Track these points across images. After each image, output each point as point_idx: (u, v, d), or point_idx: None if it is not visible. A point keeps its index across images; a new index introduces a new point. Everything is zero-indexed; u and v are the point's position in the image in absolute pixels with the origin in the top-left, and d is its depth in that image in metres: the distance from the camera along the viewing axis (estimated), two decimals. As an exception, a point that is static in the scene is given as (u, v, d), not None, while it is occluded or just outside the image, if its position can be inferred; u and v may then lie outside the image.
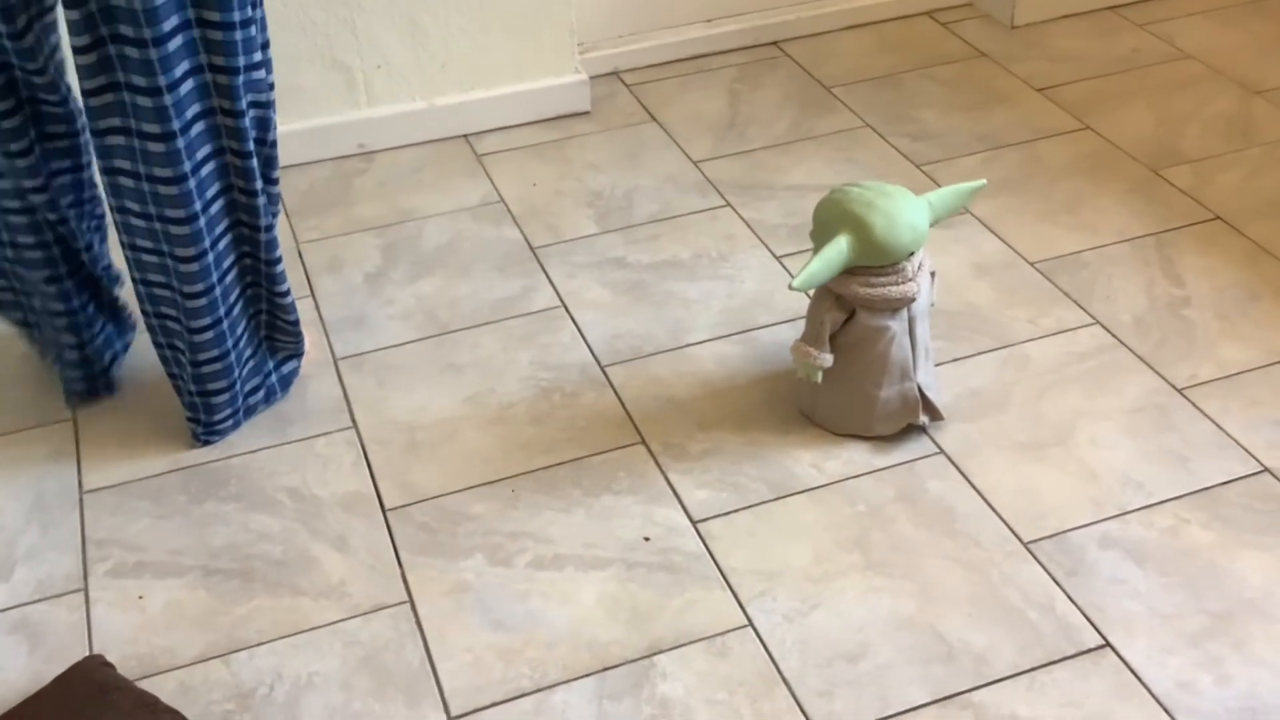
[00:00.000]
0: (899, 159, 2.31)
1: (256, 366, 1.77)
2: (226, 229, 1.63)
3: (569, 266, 2.08)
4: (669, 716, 1.40)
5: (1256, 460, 1.68)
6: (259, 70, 1.54)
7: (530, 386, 1.85)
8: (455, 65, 2.38)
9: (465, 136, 2.43)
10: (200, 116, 1.53)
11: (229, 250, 1.65)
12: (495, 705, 1.42)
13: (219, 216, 1.61)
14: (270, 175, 1.63)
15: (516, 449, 1.74)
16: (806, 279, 1.58)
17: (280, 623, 1.52)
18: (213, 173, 1.58)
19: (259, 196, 1.61)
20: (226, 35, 1.48)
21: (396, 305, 2.01)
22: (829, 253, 1.59)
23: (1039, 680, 1.42)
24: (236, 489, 1.70)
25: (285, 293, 1.72)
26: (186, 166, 1.53)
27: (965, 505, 1.63)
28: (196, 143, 1.54)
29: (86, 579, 1.59)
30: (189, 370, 1.69)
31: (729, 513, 1.64)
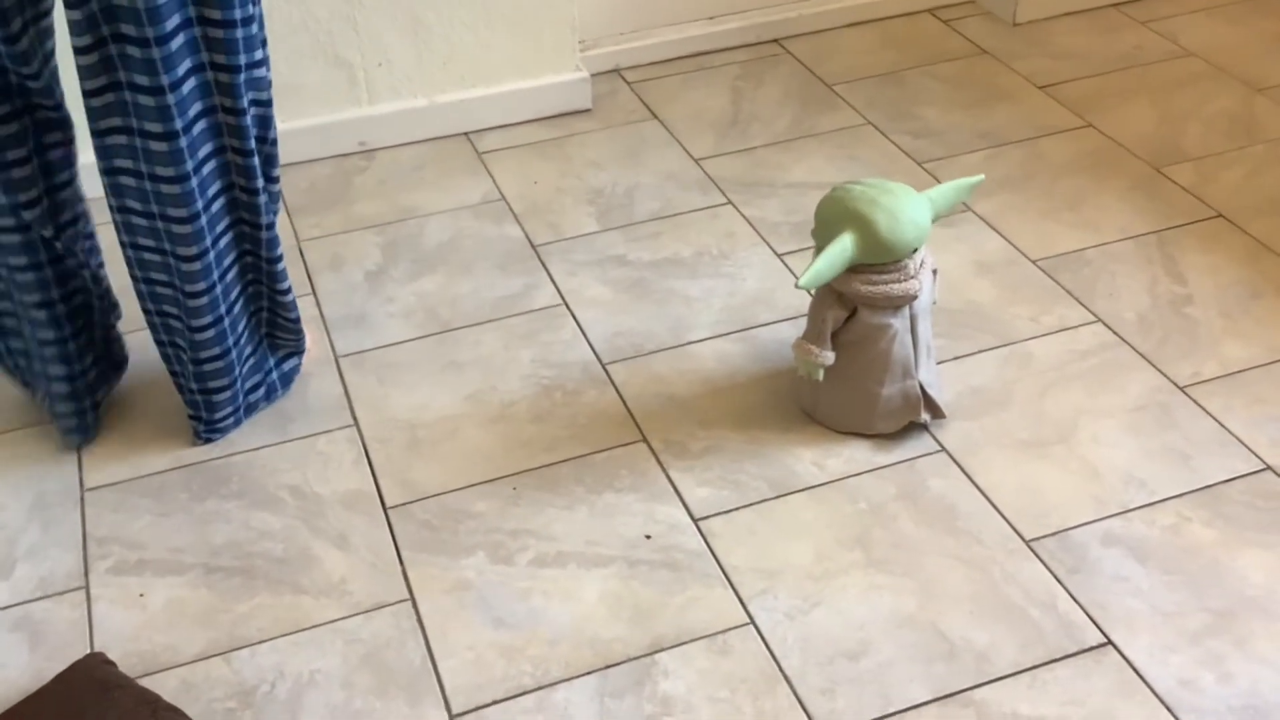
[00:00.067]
0: (901, 156, 2.31)
1: (257, 364, 1.77)
2: (228, 227, 1.63)
3: (570, 264, 2.08)
4: (670, 714, 1.40)
5: (1259, 458, 1.68)
6: (260, 68, 1.54)
7: (531, 384, 1.84)
8: (456, 62, 2.38)
9: (466, 134, 2.43)
10: (202, 115, 1.53)
11: (230, 248, 1.65)
12: (497, 703, 1.42)
13: (220, 215, 1.61)
14: (271, 173, 1.63)
15: (518, 447, 1.74)
16: (812, 278, 1.58)
17: (281, 620, 1.52)
18: (214, 171, 1.58)
19: (260, 195, 1.61)
20: (228, 33, 1.48)
21: (397, 303, 2.01)
22: (833, 251, 1.58)
23: (1040, 678, 1.42)
24: (238, 487, 1.70)
25: (286, 290, 1.72)
26: (189, 165, 1.53)
27: (967, 503, 1.63)
28: (198, 141, 1.54)
29: (88, 576, 1.59)
30: (190, 368, 1.69)
31: (730, 510, 1.64)
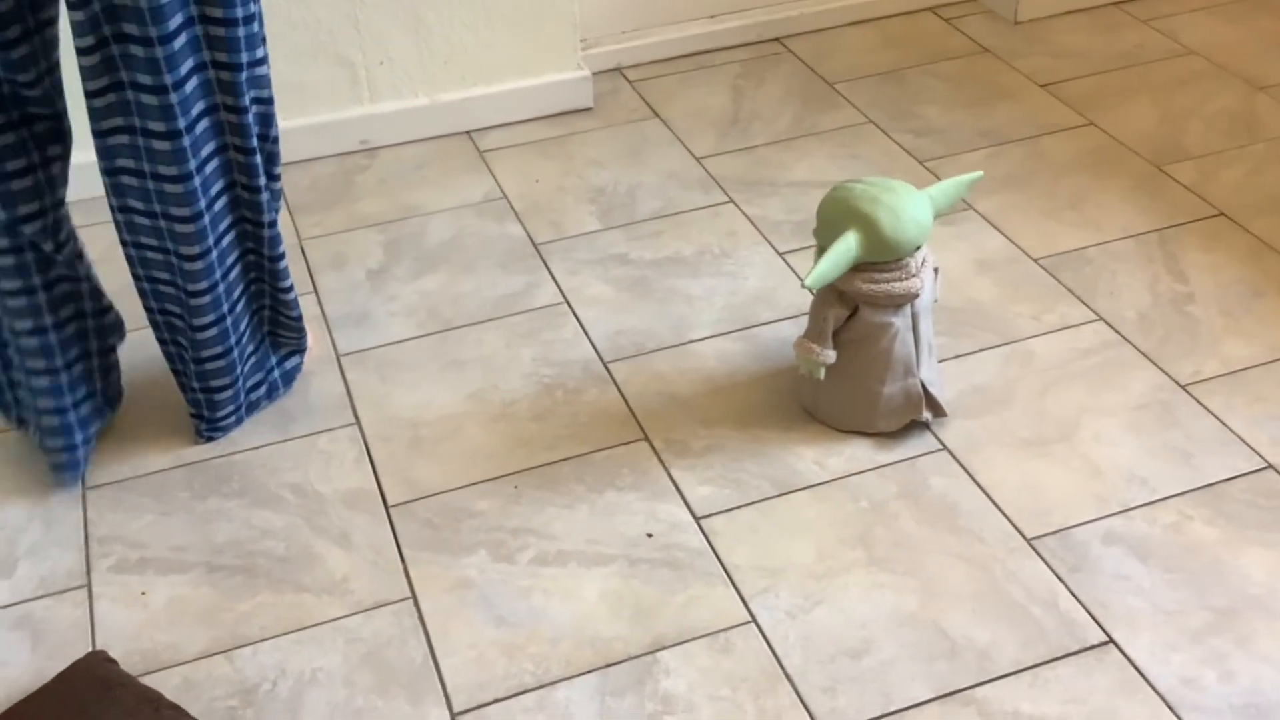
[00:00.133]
0: (902, 155, 2.31)
1: (259, 362, 1.77)
2: (230, 226, 1.63)
3: (572, 263, 2.08)
4: (672, 713, 1.40)
5: (1260, 456, 1.68)
6: (261, 66, 1.54)
7: (533, 383, 1.84)
8: (458, 61, 2.38)
9: (468, 133, 2.43)
10: (204, 114, 1.53)
11: (232, 247, 1.65)
12: (498, 701, 1.42)
13: (223, 213, 1.61)
14: (273, 171, 1.63)
15: (519, 445, 1.74)
16: (817, 277, 1.58)
17: (283, 619, 1.52)
18: (216, 170, 1.58)
19: (262, 193, 1.61)
20: (229, 32, 1.48)
21: (399, 301, 2.01)
22: (838, 250, 1.58)
23: (1042, 677, 1.42)
24: (239, 485, 1.70)
25: (288, 288, 1.72)
26: (191, 165, 1.53)
27: (968, 502, 1.63)
28: (201, 140, 1.54)
29: (89, 575, 1.59)
30: (192, 367, 1.69)
31: (732, 509, 1.64)
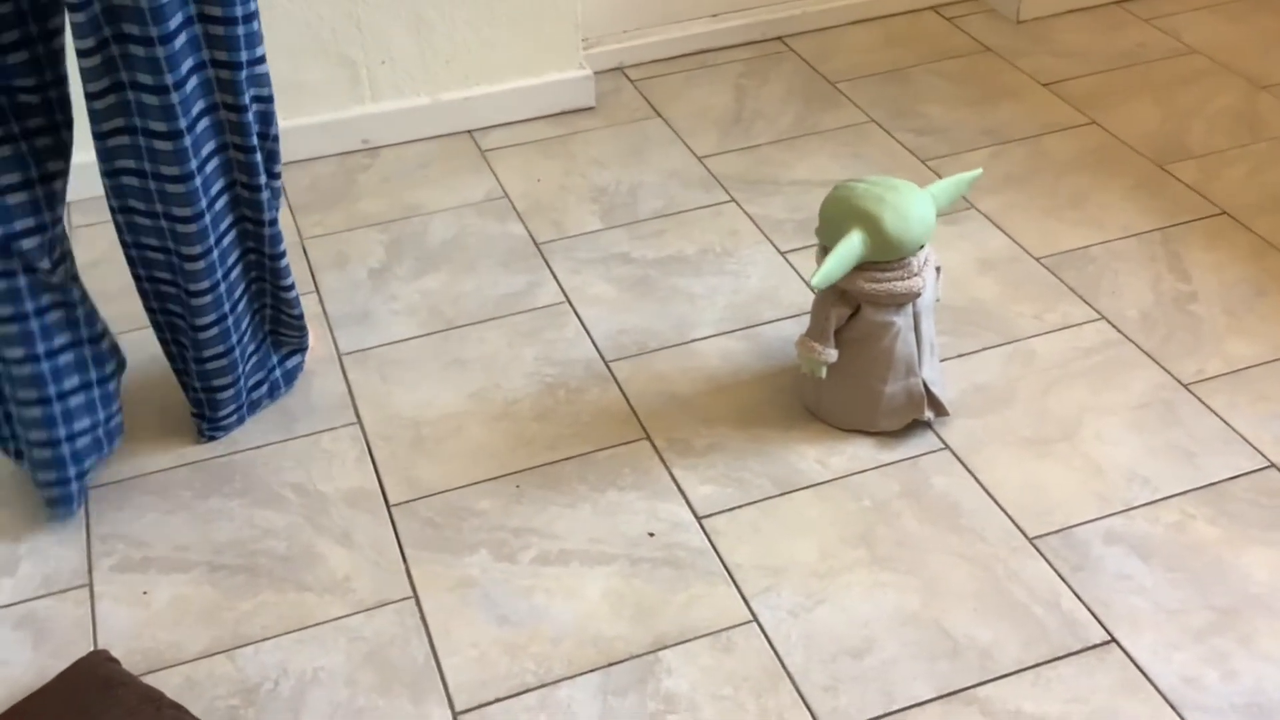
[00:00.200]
0: (904, 154, 2.31)
1: (261, 361, 1.77)
2: (231, 225, 1.63)
3: (573, 262, 2.08)
4: (674, 712, 1.40)
5: (1263, 455, 1.68)
6: (260, 65, 1.54)
7: (535, 382, 1.84)
8: (460, 60, 2.38)
9: (470, 132, 2.43)
10: (204, 113, 1.53)
11: (233, 246, 1.65)
12: (500, 700, 1.42)
13: (223, 212, 1.61)
14: (273, 169, 1.63)
15: (521, 444, 1.74)
16: (824, 277, 1.58)
17: (285, 618, 1.52)
18: (217, 169, 1.58)
19: (262, 191, 1.61)
20: (228, 30, 1.48)
21: (401, 301, 2.01)
22: (843, 249, 1.58)
23: (1044, 676, 1.42)
24: (241, 485, 1.70)
25: (289, 287, 1.72)
26: (193, 164, 1.53)
27: (970, 501, 1.63)
28: (201, 139, 1.54)
29: (91, 574, 1.59)
30: (194, 366, 1.69)
31: (733, 508, 1.64)
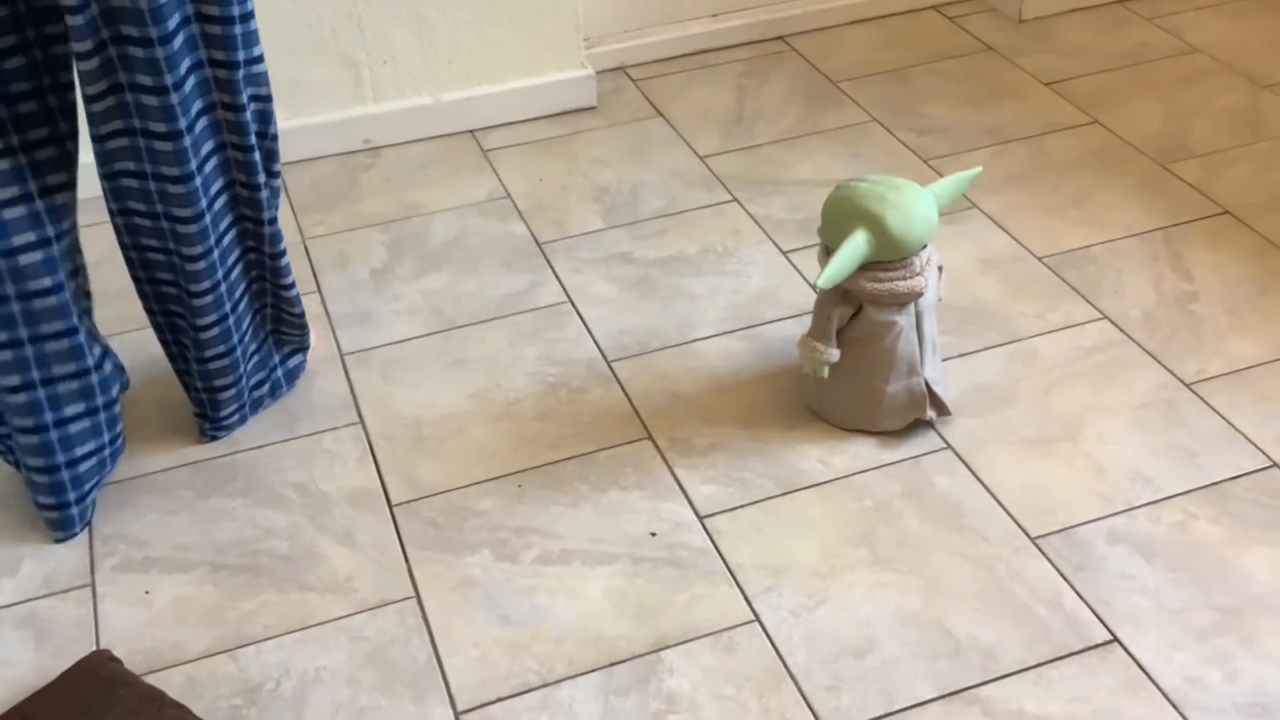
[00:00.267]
0: (906, 154, 2.31)
1: (262, 361, 1.77)
2: (230, 224, 1.63)
3: (575, 262, 2.08)
4: (675, 712, 1.40)
5: (1265, 455, 1.67)
6: (258, 64, 1.54)
7: (537, 382, 1.84)
8: (461, 60, 2.38)
9: (471, 132, 2.43)
10: (203, 113, 1.53)
11: (234, 245, 1.65)
12: (502, 700, 1.42)
13: (223, 212, 1.61)
14: (272, 168, 1.63)
15: (523, 444, 1.74)
16: (829, 277, 1.58)
17: (287, 618, 1.52)
18: (216, 168, 1.58)
19: (261, 190, 1.61)
20: (226, 30, 1.48)
21: (403, 300, 2.01)
22: (848, 249, 1.58)
23: (1046, 675, 1.42)
24: (243, 484, 1.70)
25: (290, 285, 1.72)
26: (193, 164, 1.53)
27: (972, 500, 1.63)
28: (200, 139, 1.54)
29: (93, 574, 1.59)
30: (195, 366, 1.69)
31: (735, 508, 1.63)
